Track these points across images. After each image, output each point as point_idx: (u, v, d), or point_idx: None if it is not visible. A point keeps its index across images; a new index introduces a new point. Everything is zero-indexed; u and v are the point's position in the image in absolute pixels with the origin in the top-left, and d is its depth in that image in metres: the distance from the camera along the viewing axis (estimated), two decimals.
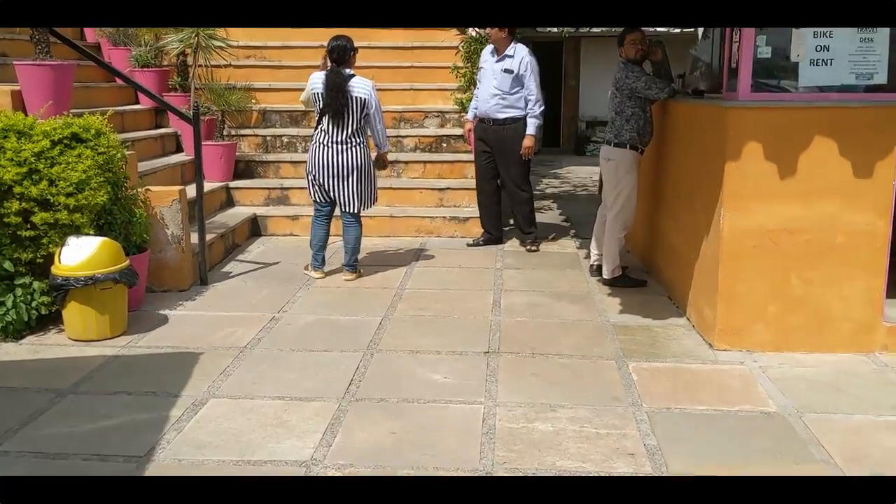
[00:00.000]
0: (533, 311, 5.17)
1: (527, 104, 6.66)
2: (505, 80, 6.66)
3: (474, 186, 7.65)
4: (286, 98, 8.73)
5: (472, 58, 7.87)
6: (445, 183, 7.76)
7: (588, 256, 6.24)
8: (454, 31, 8.57)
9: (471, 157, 7.99)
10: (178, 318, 5.05)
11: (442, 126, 8.56)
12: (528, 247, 6.91)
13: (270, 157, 8.11)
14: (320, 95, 5.63)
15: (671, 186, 5.58)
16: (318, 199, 5.91)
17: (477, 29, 7.78)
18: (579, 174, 12.36)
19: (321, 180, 5.80)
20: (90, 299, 4.52)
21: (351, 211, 5.85)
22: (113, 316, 4.64)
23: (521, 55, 6.64)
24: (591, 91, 15.09)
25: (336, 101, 5.57)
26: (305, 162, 6.00)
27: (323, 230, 5.99)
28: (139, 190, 5.34)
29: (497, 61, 6.73)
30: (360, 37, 9.79)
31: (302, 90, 5.94)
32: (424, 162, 7.99)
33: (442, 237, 7.36)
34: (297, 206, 7.70)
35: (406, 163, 8.00)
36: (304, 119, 8.60)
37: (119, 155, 5.03)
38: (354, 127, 5.66)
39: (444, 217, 7.38)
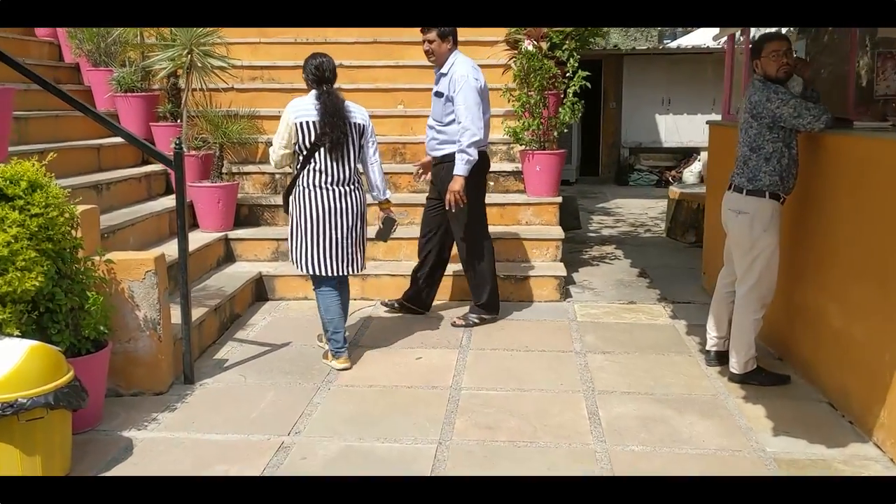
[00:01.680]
0: (649, 431, 3.65)
1: None
2: (437, 106, 5.13)
3: (531, 236, 6.17)
4: None
5: (530, 78, 6.39)
6: (497, 231, 6.25)
7: (691, 332, 4.72)
8: (502, 47, 7.11)
9: (526, 197, 6.52)
10: (145, 445, 3.55)
11: None
12: (457, 319, 5.35)
13: (278, 199, 6.63)
14: (313, 125, 4.31)
15: (829, 250, 4.06)
16: (329, 271, 4.46)
17: (533, 41, 6.31)
18: (631, 209, 10.86)
19: (336, 236, 4.40)
20: (11, 435, 3.03)
21: (356, 272, 4.59)
22: (47, 455, 3.14)
23: (453, 70, 5.01)
24: (634, 114, 13.64)
25: (337, 130, 4.31)
26: (317, 209, 4.40)
27: (338, 302, 4.56)
28: (96, 260, 3.87)
29: (435, 83, 5.22)
30: (385, 55, 8.38)
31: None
32: None
33: None
34: None
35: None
36: None
37: (64, 216, 3.57)
38: (355, 160, 4.47)
39: (497, 275, 5.86)
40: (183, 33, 6.28)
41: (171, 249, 4.84)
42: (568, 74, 6.39)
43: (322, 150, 4.32)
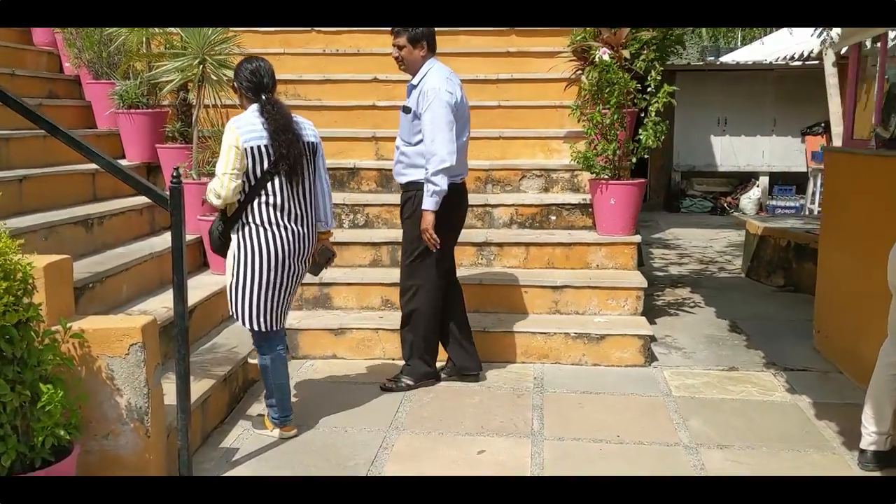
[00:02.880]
0: None
1: None
2: (405, 123, 4.28)
3: (605, 283, 5.13)
4: (327, 149, 6.28)
5: (604, 94, 5.37)
6: (561, 277, 5.22)
7: (821, 414, 3.64)
8: (566, 57, 6.10)
9: (597, 236, 5.48)
10: None
11: (547, 190, 6.05)
12: (387, 381, 4.44)
13: None
14: (265, 150, 3.49)
15: None
16: (279, 325, 3.72)
17: (609, 50, 5.28)
18: (691, 240, 9.78)
19: (292, 286, 3.69)
20: None
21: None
22: None
23: (424, 83, 4.16)
24: (687, 135, 12.56)
25: (293, 150, 3.52)
26: (273, 253, 3.58)
27: (286, 362, 3.85)
28: (63, 332, 2.88)
29: (406, 95, 4.34)
30: None
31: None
32: (527, 244, 5.47)
33: (563, 364, 4.81)
34: (342, 311, 5.22)
35: (499, 245, 5.48)
36: (351, 179, 6.17)
37: (18, 275, 2.59)
38: (312, 193, 3.70)
39: (564, 333, 4.83)
40: (194, 40, 5.33)
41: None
42: (650, 89, 5.36)
43: (277, 178, 3.50)
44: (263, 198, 3.50)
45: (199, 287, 4.97)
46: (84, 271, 4.15)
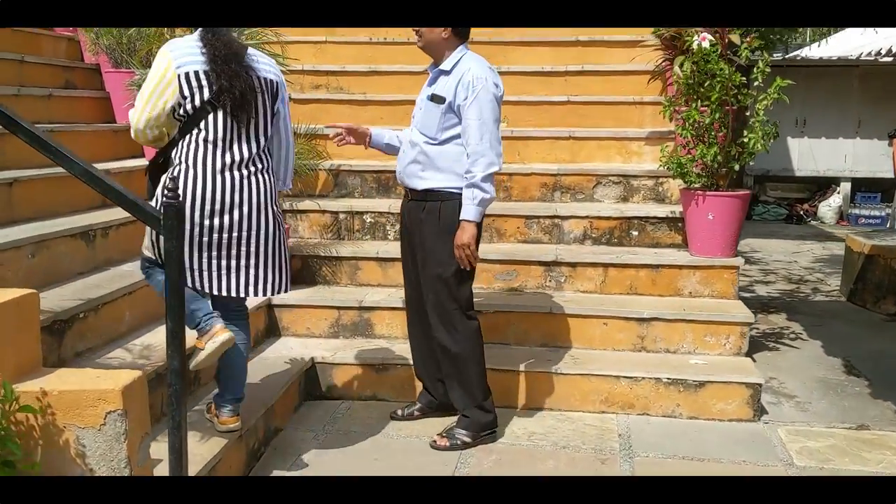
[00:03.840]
0: None
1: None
2: (430, 115, 3.49)
3: (701, 315, 4.27)
4: (373, 150, 5.51)
5: (702, 89, 4.49)
6: (648, 306, 4.37)
7: None
8: (651, 46, 5.24)
9: (690, 257, 4.62)
10: None
11: (626, 199, 5.19)
12: (439, 438, 3.60)
13: (344, 248, 4.88)
14: (204, 77, 2.86)
15: None
16: (216, 288, 2.99)
17: (708, 36, 4.40)
18: (772, 253, 8.81)
19: (233, 240, 2.95)
20: None
21: (266, 293, 3.11)
22: None
23: (464, 69, 3.41)
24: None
25: (241, 83, 2.89)
26: (201, 199, 2.93)
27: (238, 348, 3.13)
28: (13, 398, 2.13)
29: (428, 84, 3.58)
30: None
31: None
32: (604, 265, 4.62)
33: (653, 416, 3.96)
34: (385, 340, 4.45)
35: (571, 265, 4.64)
36: (398, 183, 5.37)
37: None
38: (265, 133, 3.04)
39: (654, 378, 3.97)
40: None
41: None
42: (757, 83, 4.47)
43: (218, 113, 2.89)
44: (199, 134, 2.88)
45: None
46: (75, 297, 3.42)
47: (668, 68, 5.22)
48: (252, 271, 3.00)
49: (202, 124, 2.88)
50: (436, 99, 3.46)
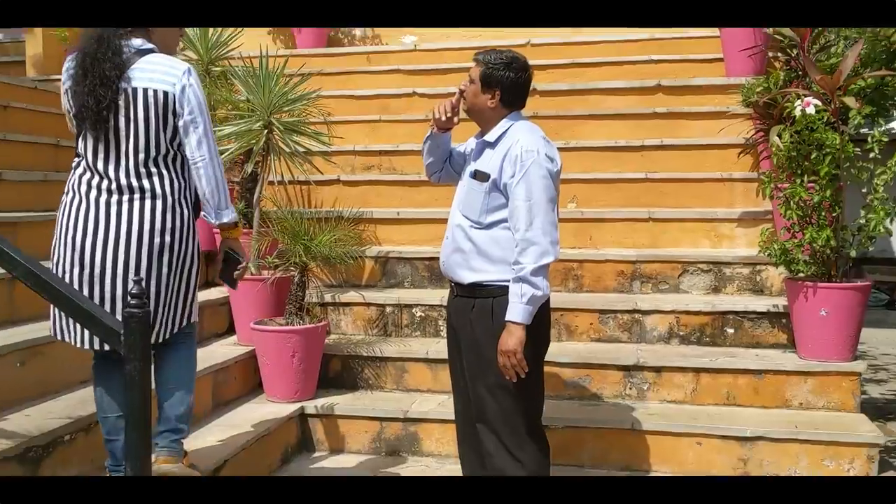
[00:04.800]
0: None
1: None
2: (474, 194, 2.91)
3: (813, 434, 3.49)
4: (425, 235, 4.98)
5: (807, 163, 3.80)
6: (751, 421, 3.61)
7: None
8: (742, 115, 4.60)
9: (798, 360, 3.86)
10: None
11: (718, 290, 4.47)
12: None
13: (390, 346, 4.28)
14: (70, 94, 2.64)
15: None
16: (75, 339, 2.59)
17: (814, 101, 3.73)
18: (877, 344, 7.79)
19: (95, 276, 2.55)
20: None
21: (168, 335, 2.68)
22: None
23: (511, 141, 2.84)
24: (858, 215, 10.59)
25: (94, 98, 2.55)
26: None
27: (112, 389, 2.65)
28: None
29: (473, 157, 3.01)
30: (551, 131, 6.01)
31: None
32: (695, 370, 3.90)
33: None
34: (434, 458, 3.79)
35: (655, 369, 3.93)
36: None
37: None
38: (146, 155, 2.62)
39: None
40: (259, 95, 4.16)
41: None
42: (874, 154, 3.77)
43: (84, 131, 2.62)
44: (77, 158, 2.67)
45: (248, 422, 3.68)
46: (64, 416, 2.90)
47: (763, 139, 4.55)
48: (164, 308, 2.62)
49: (79, 143, 2.64)
50: (479, 176, 2.88)
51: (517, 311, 2.73)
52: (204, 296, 4.42)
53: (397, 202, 5.34)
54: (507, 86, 2.90)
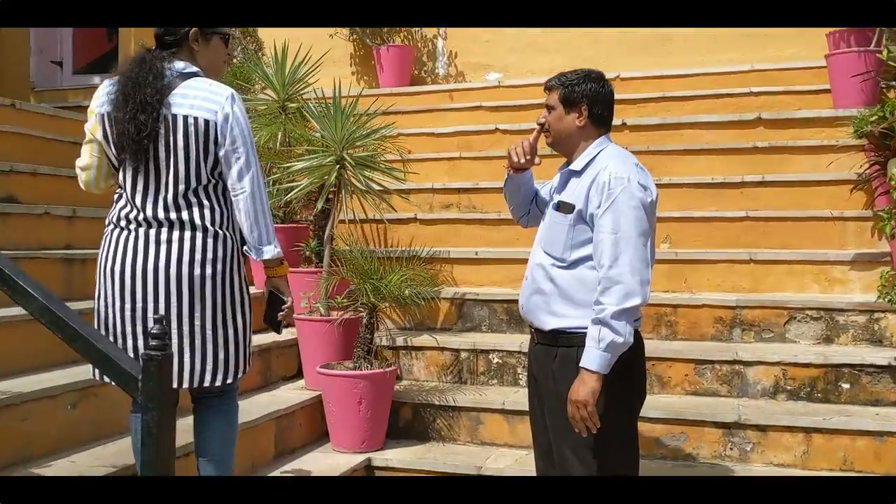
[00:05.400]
0: None
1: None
2: (557, 228, 2.60)
3: None
4: (505, 276, 4.70)
5: None
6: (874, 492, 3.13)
7: None
8: (852, 148, 4.18)
9: None
10: None
11: (830, 340, 4.00)
12: None
13: (464, 395, 3.99)
14: (109, 120, 2.47)
15: None
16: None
17: None
18: None
19: (131, 313, 2.43)
20: None
21: (209, 383, 2.48)
22: None
23: (599, 167, 2.54)
24: None
25: (136, 129, 2.39)
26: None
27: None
28: None
29: (557, 189, 2.70)
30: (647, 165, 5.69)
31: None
32: (805, 429, 3.45)
33: None
34: None
35: (760, 428, 3.51)
36: None
37: None
38: (187, 186, 2.46)
39: None
40: (332, 128, 4.01)
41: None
42: None
43: (125, 159, 2.47)
44: (119, 190, 2.53)
45: (309, 470, 3.43)
46: (109, 464, 2.73)
47: (879, 173, 4.12)
48: (194, 356, 2.45)
49: (120, 174, 2.50)
50: (562, 207, 2.59)
51: (593, 357, 2.40)
52: (270, 337, 4.26)
53: (476, 241, 5.09)
54: (592, 97, 2.61)
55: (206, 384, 2.47)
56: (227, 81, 5.66)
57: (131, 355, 2.35)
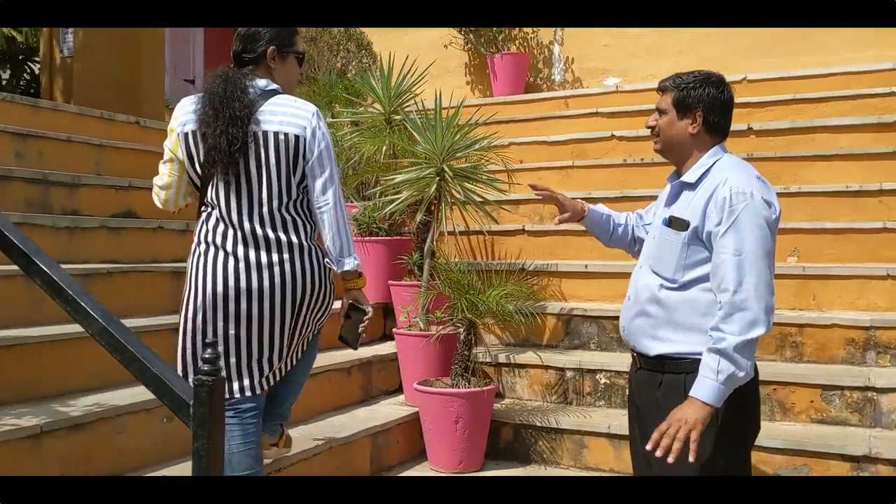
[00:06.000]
0: None
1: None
2: (668, 246, 2.35)
3: None
4: (616, 291, 4.48)
5: None
6: None
7: None
8: None
9: None
10: None
11: None
12: None
13: (568, 417, 3.81)
14: (193, 137, 2.49)
15: None
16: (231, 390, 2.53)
17: None
18: None
19: (238, 336, 2.49)
20: None
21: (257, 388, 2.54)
22: None
23: (717, 181, 2.28)
24: None
25: (227, 142, 2.41)
26: (198, 282, 2.52)
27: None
28: None
29: (667, 202, 2.46)
30: (772, 174, 5.33)
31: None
32: None
33: None
34: None
35: (891, 463, 3.15)
36: None
37: None
38: (276, 202, 2.50)
39: None
40: (431, 140, 3.95)
41: None
42: None
43: (216, 178, 2.49)
44: (208, 209, 2.54)
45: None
46: None
47: None
48: (264, 365, 2.53)
49: (208, 192, 2.51)
50: (675, 223, 2.37)
51: (707, 388, 2.18)
52: (372, 350, 4.24)
53: (587, 254, 4.88)
54: (709, 104, 2.40)
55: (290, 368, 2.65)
56: (338, 95, 5.79)
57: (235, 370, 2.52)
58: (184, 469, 2.83)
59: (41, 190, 4.00)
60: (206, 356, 1.62)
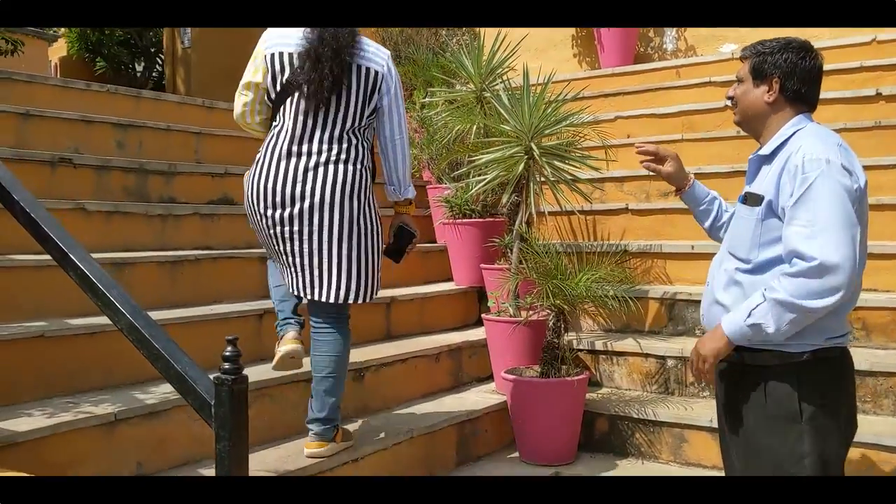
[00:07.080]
0: None
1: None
2: (743, 224, 2.15)
3: None
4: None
5: None
6: None
7: None
8: None
9: None
10: None
11: None
12: None
13: (667, 408, 3.56)
14: (288, 59, 2.67)
15: None
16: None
17: None
18: None
19: (286, 236, 2.68)
20: None
21: (334, 299, 2.69)
22: None
23: (791, 150, 2.06)
24: None
25: (324, 68, 2.60)
26: (255, 187, 2.76)
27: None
28: None
29: (748, 178, 2.24)
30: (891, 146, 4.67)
31: None
32: None
33: None
34: None
35: None
36: None
37: None
38: (350, 124, 2.70)
39: None
40: (518, 117, 3.77)
41: None
42: None
43: (294, 98, 2.67)
44: (276, 124, 2.73)
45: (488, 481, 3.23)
46: (273, 468, 2.70)
47: None
48: (317, 272, 2.66)
49: (282, 109, 2.70)
50: (750, 199, 2.15)
51: (733, 323, 2.08)
52: (462, 336, 4.12)
53: (694, 234, 4.55)
54: (787, 70, 2.15)
55: (350, 300, 2.69)
56: (435, 76, 5.63)
57: (286, 270, 2.71)
58: (258, 458, 2.80)
59: (138, 178, 4.09)
60: (227, 354, 1.53)
